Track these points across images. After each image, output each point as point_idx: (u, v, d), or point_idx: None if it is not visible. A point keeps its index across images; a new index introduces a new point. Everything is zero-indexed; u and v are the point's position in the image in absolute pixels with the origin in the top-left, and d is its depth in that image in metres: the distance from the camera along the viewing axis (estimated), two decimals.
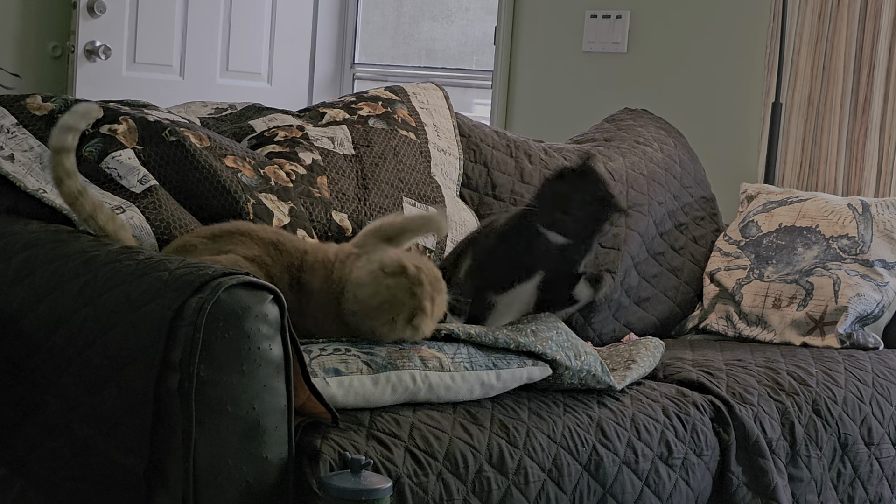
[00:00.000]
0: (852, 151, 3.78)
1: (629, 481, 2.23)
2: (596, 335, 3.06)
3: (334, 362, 2.01)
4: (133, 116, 2.53)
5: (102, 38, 4.53)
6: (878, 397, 2.74)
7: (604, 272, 2.76)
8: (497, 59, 4.68)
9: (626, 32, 4.37)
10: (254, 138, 2.79)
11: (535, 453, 2.11)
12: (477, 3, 5.31)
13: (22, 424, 1.97)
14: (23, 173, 2.38)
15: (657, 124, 3.62)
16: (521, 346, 2.21)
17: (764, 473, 2.45)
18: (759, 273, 3.23)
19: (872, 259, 3.17)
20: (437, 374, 2.09)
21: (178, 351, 1.78)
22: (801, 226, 3.27)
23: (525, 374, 2.22)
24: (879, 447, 2.70)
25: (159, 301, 1.82)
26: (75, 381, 1.88)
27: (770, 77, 3.90)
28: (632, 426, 2.28)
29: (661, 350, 2.65)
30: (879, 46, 3.72)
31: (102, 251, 2.02)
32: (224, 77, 4.92)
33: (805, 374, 2.69)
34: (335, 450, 1.89)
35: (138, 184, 2.43)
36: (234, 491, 1.80)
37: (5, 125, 2.46)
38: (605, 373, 2.32)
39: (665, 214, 3.36)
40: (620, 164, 3.35)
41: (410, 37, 5.56)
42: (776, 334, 3.12)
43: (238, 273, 1.85)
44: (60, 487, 1.91)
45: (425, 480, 1.95)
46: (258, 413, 1.82)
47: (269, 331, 1.84)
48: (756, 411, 2.50)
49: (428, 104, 3.10)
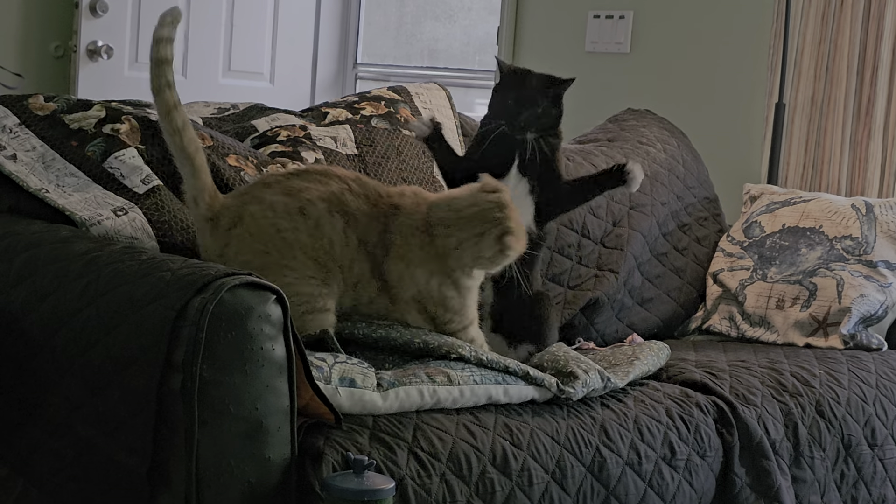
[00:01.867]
0: (856, 152, 3.78)
1: (632, 483, 2.22)
2: (599, 335, 3.06)
3: (354, 373, 2.01)
4: (136, 116, 2.53)
5: (105, 38, 4.52)
6: (882, 398, 2.74)
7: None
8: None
9: (629, 33, 4.36)
10: (256, 138, 2.79)
11: (538, 455, 2.10)
12: (479, 3, 5.31)
13: (24, 424, 1.97)
14: (25, 173, 2.37)
15: (660, 125, 3.61)
16: (528, 378, 2.21)
17: (767, 474, 2.44)
18: (762, 274, 3.23)
19: (876, 260, 3.16)
20: (445, 389, 2.10)
21: (181, 351, 1.78)
22: (805, 226, 3.27)
23: (531, 393, 2.22)
24: (883, 448, 2.69)
25: (162, 301, 1.82)
26: (78, 381, 1.88)
27: (773, 77, 3.90)
28: (635, 427, 2.27)
29: (666, 353, 2.64)
30: (883, 47, 3.71)
31: (105, 251, 2.02)
32: (226, 77, 4.92)
33: (808, 375, 2.69)
34: (338, 450, 1.88)
35: (141, 184, 2.42)
36: (236, 491, 1.80)
37: (8, 125, 2.45)
38: (606, 378, 2.32)
39: (668, 215, 3.35)
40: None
41: (413, 37, 5.56)
42: (779, 335, 3.11)
43: (241, 273, 1.85)
44: (63, 488, 1.91)
45: (428, 482, 1.95)
46: (261, 413, 1.81)
47: (272, 331, 1.83)
48: (759, 412, 2.49)
49: (431, 104, 3.10)
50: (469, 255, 2.22)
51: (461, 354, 2.17)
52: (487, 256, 2.23)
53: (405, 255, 2.23)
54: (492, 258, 2.23)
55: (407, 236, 2.23)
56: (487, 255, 2.22)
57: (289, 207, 2.19)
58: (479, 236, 2.21)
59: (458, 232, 2.21)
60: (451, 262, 2.23)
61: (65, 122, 2.49)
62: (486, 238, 2.21)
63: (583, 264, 3.12)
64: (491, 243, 2.21)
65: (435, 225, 2.23)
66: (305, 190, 2.21)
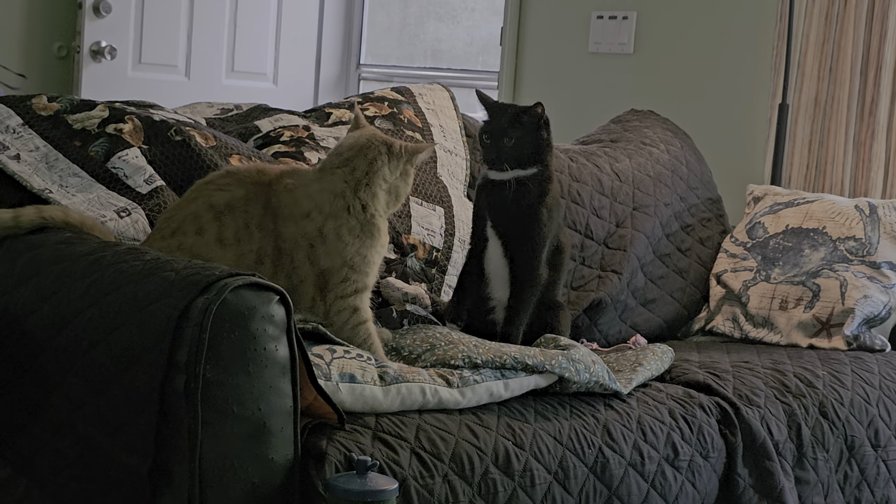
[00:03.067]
0: (859, 153, 3.77)
1: (635, 483, 2.22)
2: (602, 336, 3.05)
3: (353, 367, 2.01)
4: (139, 116, 2.53)
5: (108, 39, 4.53)
6: (885, 399, 2.73)
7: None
8: (503, 60, 4.68)
9: (632, 33, 4.36)
10: (260, 138, 2.79)
11: (541, 455, 2.10)
12: (483, 4, 5.31)
13: (27, 424, 1.97)
14: (29, 173, 2.37)
15: (663, 125, 3.61)
16: (528, 369, 2.20)
17: (770, 475, 2.44)
18: (765, 275, 3.23)
19: (879, 261, 3.16)
20: (446, 390, 2.10)
21: (184, 351, 1.78)
22: (808, 227, 3.27)
23: (533, 382, 2.22)
24: (886, 449, 2.69)
25: (165, 301, 1.82)
26: (80, 381, 1.88)
27: (777, 78, 3.89)
28: (638, 428, 2.27)
29: (670, 356, 2.64)
30: (886, 47, 3.71)
31: (109, 252, 2.02)
32: (230, 78, 4.92)
33: (812, 376, 2.68)
34: (341, 451, 1.88)
35: (144, 184, 2.43)
36: (239, 492, 1.80)
37: (11, 125, 2.46)
38: (612, 380, 2.32)
39: (671, 216, 3.35)
40: (627, 166, 3.34)
41: (416, 37, 5.56)
42: (783, 336, 3.11)
43: (244, 274, 1.85)
44: (65, 487, 1.91)
45: (431, 482, 1.95)
46: (264, 414, 1.81)
47: (275, 331, 1.83)
48: (763, 413, 2.49)
49: (434, 105, 3.10)
50: (381, 177, 2.20)
51: (454, 365, 2.17)
52: (397, 176, 2.21)
53: (293, 213, 2.17)
54: (401, 178, 2.22)
55: (296, 194, 2.18)
56: (396, 174, 2.21)
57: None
58: (388, 154, 2.20)
59: (363, 158, 2.19)
60: (362, 194, 2.18)
61: (68, 122, 2.49)
62: (393, 154, 2.21)
63: (586, 265, 3.12)
64: (397, 160, 2.21)
65: (335, 168, 2.20)
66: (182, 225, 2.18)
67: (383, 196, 2.20)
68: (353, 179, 2.18)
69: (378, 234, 2.20)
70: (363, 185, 2.17)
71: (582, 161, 3.28)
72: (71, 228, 2.19)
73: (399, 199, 2.25)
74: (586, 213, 3.16)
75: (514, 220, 2.51)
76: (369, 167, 2.19)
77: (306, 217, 2.16)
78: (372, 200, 2.19)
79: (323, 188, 2.18)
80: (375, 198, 2.19)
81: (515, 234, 2.51)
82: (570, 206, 3.15)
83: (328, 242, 2.15)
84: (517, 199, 2.49)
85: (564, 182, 3.17)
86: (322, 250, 2.16)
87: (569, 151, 3.32)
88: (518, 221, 2.51)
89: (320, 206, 2.16)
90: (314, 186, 2.18)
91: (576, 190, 3.18)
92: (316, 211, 2.16)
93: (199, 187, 2.23)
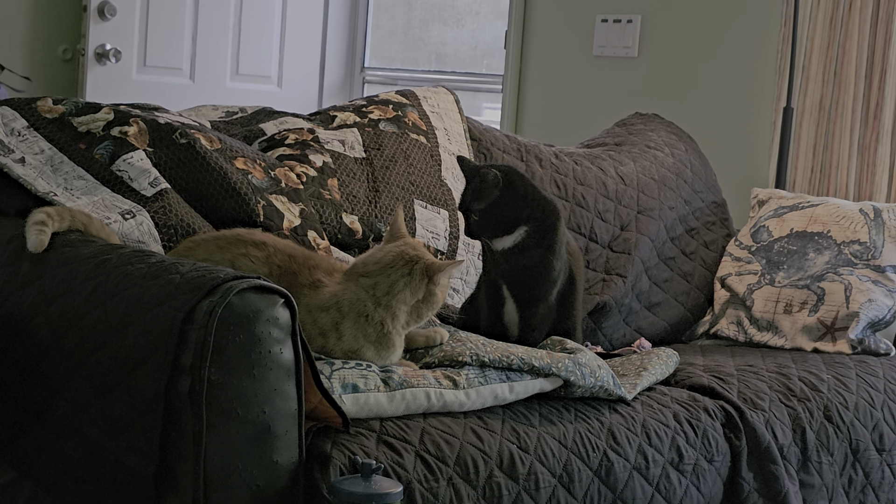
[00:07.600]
0: (863, 156, 3.77)
1: (640, 487, 2.22)
2: (606, 340, 3.05)
3: (354, 377, 2.01)
4: (144, 118, 2.53)
5: (113, 42, 4.53)
6: (890, 403, 2.73)
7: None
8: (507, 63, 4.68)
9: (636, 37, 4.36)
10: (264, 141, 2.79)
11: (545, 459, 2.10)
12: (487, 7, 5.31)
13: (32, 427, 1.97)
14: (34, 176, 2.37)
15: (668, 129, 3.61)
16: (535, 371, 2.20)
17: (775, 479, 2.44)
18: (770, 278, 3.22)
19: (884, 264, 3.16)
20: (451, 392, 2.09)
21: (189, 354, 1.78)
22: (813, 231, 3.27)
23: (538, 386, 2.22)
24: (891, 453, 2.69)
25: (170, 304, 1.82)
26: (85, 383, 1.88)
27: (781, 82, 3.89)
28: (643, 432, 2.27)
29: (675, 360, 2.63)
30: (891, 51, 3.71)
31: (114, 254, 2.02)
32: (234, 81, 4.92)
33: (816, 380, 2.68)
34: (345, 454, 1.88)
35: (149, 186, 2.43)
36: (244, 495, 1.79)
37: (16, 128, 2.46)
38: (617, 385, 2.32)
39: (676, 219, 3.35)
40: (631, 169, 3.34)
41: (420, 41, 5.56)
42: (787, 340, 3.11)
43: (249, 277, 1.85)
44: (69, 490, 1.91)
45: (436, 485, 1.95)
46: (268, 417, 1.81)
47: (280, 334, 1.83)
48: (767, 417, 2.49)
49: (438, 108, 3.10)
50: (405, 298, 2.15)
51: (462, 362, 2.17)
52: (422, 294, 2.16)
53: (309, 304, 2.14)
54: (428, 292, 2.16)
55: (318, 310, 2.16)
56: (422, 292, 2.16)
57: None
58: (409, 276, 2.15)
59: (386, 277, 2.15)
60: (381, 311, 2.14)
61: (73, 124, 2.49)
62: (416, 274, 2.15)
63: (590, 268, 3.12)
64: (420, 277, 2.15)
65: (359, 277, 2.16)
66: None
67: (403, 316, 2.16)
68: (373, 295, 2.15)
69: (393, 347, 2.16)
70: (383, 304, 2.14)
71: (586, 164, 3.28)
72: (76, 230, 2.19)
73: (421, 318, 2.19)
74: (591, 216, 3.16)
75: (528, 285, 2.51)
76: (390, 288, 2.15)
77: (325, 311, 2.14)
78: (391, 320, 2.15)
79: (346, 289, 2.15)
80: (395, 318, 2.15)
81: (532, 295, 2.52)
82: (575, 209, 3.15)
83: (343, 340, 2.13)
84: (523, 263, 2.49)
85: (569, 186, 3.17)
86: (336, 345, 2.14)
87: (573, 155, 3.32)
88: (530, 284, 2.51)
89: (340, 305, 2.14)
90: (337, 288, 2.16)
91: (580, 193, 3.18)
92: (335, 308, 2.14)
93: (235, 241, 2.22)
